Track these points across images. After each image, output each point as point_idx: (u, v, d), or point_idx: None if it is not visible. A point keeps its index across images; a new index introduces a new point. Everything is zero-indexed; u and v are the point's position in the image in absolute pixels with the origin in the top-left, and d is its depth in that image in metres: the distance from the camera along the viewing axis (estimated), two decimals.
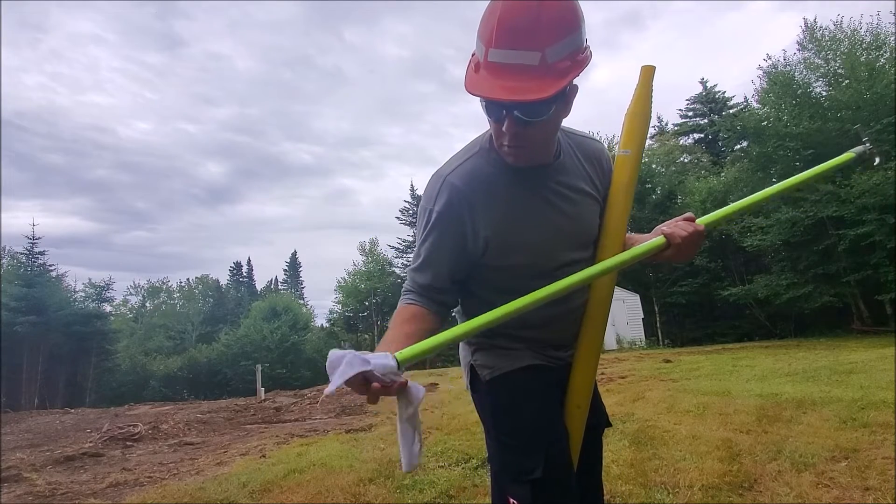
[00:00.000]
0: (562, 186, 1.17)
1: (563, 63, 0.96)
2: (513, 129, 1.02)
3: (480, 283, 1.23)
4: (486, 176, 1.12)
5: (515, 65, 0.95)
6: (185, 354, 34.52)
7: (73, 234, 70.31)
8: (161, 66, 79.46)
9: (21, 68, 69.49)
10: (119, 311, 43.08)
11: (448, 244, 1.14)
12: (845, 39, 16.61)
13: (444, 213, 1.12)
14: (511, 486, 1.15)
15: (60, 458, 5.49)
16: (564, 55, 0.96)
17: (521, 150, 1.07)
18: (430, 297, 1.17)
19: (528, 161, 1.11)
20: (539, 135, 1.05)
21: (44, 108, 68.88)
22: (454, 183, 1.12)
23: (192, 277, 56.33)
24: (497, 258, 1.16)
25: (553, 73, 0.95)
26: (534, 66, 0.94)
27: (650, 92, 1.22)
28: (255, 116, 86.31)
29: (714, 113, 29.04)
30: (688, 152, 29.28)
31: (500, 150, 1.10)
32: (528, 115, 1.00)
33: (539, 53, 0.94)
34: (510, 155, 1.08)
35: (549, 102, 0.99)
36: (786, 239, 17.05)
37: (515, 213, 1.13)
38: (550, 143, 1.13)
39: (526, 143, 1.05)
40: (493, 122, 1.06)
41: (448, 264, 1.16)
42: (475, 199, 1.11)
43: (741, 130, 19.34)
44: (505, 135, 1.04)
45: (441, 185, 1.13)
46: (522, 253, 1.16)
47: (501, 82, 0.95)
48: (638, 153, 1.23)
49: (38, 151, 66.45)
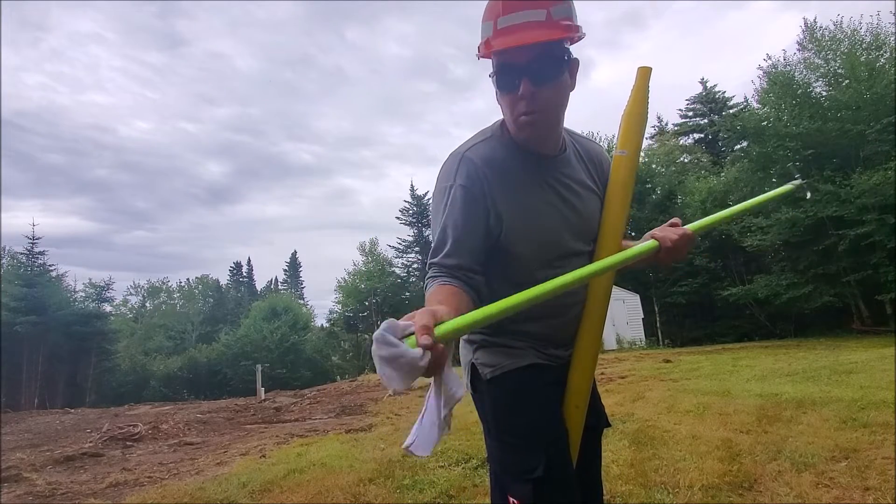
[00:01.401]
0: (567, 178, 1.22)
1: (568, 21, 1.06)
2: (529, 91, 1.06)
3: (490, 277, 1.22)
4: (499, 157, 1.15)
5: (524, 22, 1.04)
6: (185, 354, 34.49)
7: (74, 234, 70.40)
8: (162, 66, 79.53)
9: (21, 67, 69.54)
10: (119, 311, 43.14)
11: (474, 219, 1.12)
12: (845, 39, 16.61)
13: (467, 187, 1.12)
14: (512, 485, 1.15)
15: (60, 458, 5.49)
16: (566, 16, 1.06)
17: (536, 117, 1.10)
18: (463, 280, 1.09)
19: (542, 133, 1.14)
20: (552, 100, 1.10)
21: (44, 108, 68.98)
22: (472, 158, 1.14)
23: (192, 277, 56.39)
24: (508, 240, 1.16)
25: (559, 26, 1.05)
26: (541, 21, 1.04)
27: (647, 93, 1.24)
28: (255, 116, 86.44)
29: (714, 113, 29.03)
30: (688, 152, 29.27)
31: (516, 121, 1.12)
32: (543, 75, 1.06)
33: (545, 10, 1.04)
34: (527, 125, 1.11)
35: (561, 60, 1.07)
36: (786, 239, 17.05)
37: (526, 195, 1.16)
38: (559, 117, 1.16)
39: (541, 108, 1.09)
40: (508, 93, 1.10)
41: (477, 240, 1.12)
42: (492, 176, 1.13)
43: (741, 130, 19.33)
44: (521, 101, 1.08)
45: (459, 161, 1.14)
46: (531, 237, 1.17)
47: (513, 37, 1.04)
48: (635, 153, 1.25)
49: (38, 151, 66.56)
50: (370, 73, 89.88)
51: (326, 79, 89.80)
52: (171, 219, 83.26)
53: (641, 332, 21.00)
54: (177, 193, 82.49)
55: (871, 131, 14.63)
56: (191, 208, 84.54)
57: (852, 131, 15.11)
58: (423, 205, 37.72)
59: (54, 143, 68.93)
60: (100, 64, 75.83)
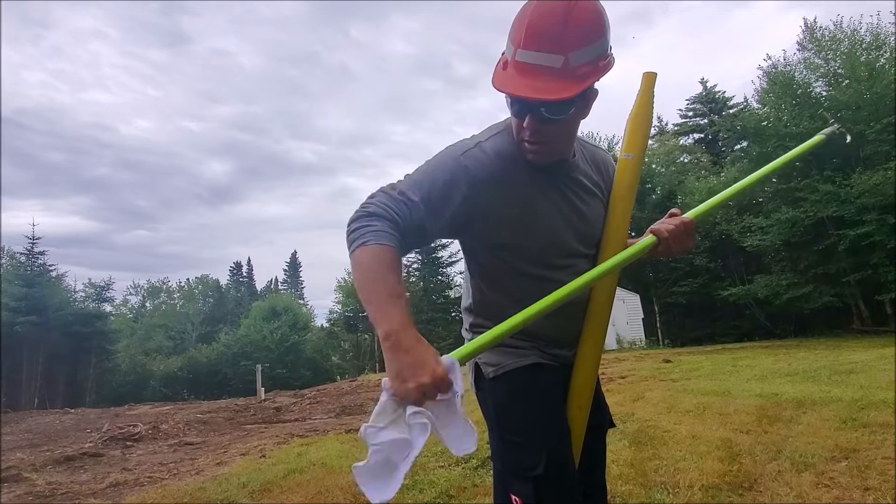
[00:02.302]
0: (575, 183, 1.23)
1: (585, 68, 1.02)
2: (533, 127, 1.07)
3: (493, 275, 1.24)
4: (510, 153, 1.15)
5: (540, 66, 1.01)
6: (185, 354, 34.49)
7: (74, 233, 70.41)
8: (164, 63, 79.60)
9: (22, 65, 69.51)
10: (119, 311, 43.13)
11: (448, 197, 1.08)
12: (845, 39, 16.61)
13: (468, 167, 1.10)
14: (514, 482, 1.16)
15: (60, 458, 5.49)
16: (587, 61, 1.02)
17: (539, 147, 1.11)
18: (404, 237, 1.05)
19: (545, 159, 1.15)
20: (557, 134, 1.11)
21: (45, 106, 68.98)
22: (487, 149, 1.13)
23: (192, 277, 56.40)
24: (512, 242, 1.18)
25: (574, 76, 1.02)
26: (557, 69, 1.01)
27: (651, 98, 1.26)
28: (259, 114, 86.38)
29: (714, 113, 29.00)
30: (688, 152, 29.23)
31: (519, 144, 1.14)
32: (549, 114, 1.05)
33: (563, 57, 1.00)
34: (529, 152, 1.13)
35: (569, 104, 1.05)
36: (786, 239, 17.04)
37: (534, 193, 1.17)
38: (569, 143, 1.19)
39: (544, 141, 1.10)
40: (515, 118, 1.11)
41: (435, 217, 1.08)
42: (496, 172, 1.12)
43: (741, 130, 19.33)
44: (525, 130, 1.09)
45: (477, 147, 1.13)
46: (537, 235, 1.18)
47: (526, 81, 1.02)
48: (640, 157, 1.26)
49: (38, 150, 66.59)
50: (375, 71, 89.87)
51: (331, 76, 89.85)
52: (173, 218, 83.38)
53: (641, 332, 21.01)
54: (178, 192, 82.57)
55: (871, 131, 14.62)
56: (192, 208, 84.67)
57: (852, 131, 15.11)
58: None
59: (55, 142, 69.14)
60: (101, 61, 76.06)
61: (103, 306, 32.40)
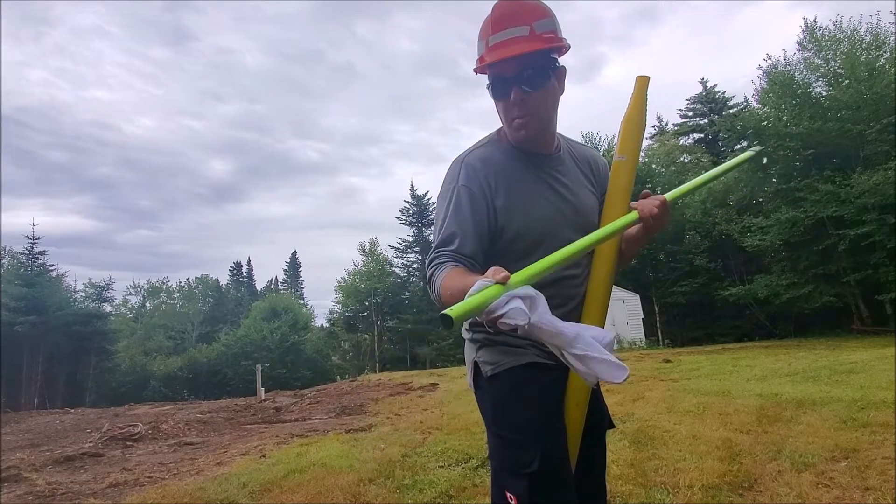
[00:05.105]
0: (561, 175, 1.32)
1: (549, 34, 1.19)
2: (519, 98, 1.18)
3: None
4: (497, 159, 1.27)
5: (510, 39, 1.17)
6: (185, 354, 34.51)
7: (75, 232, 69.98)
8: (167, 61, 78.93)
9: (23, 63, 68.90)
10: (119, 311, 43.03)
11: (477, 215, 1.20)
12: (845, 39, 16.61)
13: (468, 186, 1.22)
14: (509, 480, 1.17)
15: (60, 458, 5.49)
16: (549, 29, 1.19)
17: (527, 119, 1.22)
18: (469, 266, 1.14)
19: (535, 133, 1.25)
20: (542, 104, 1.22)
21: (46, 104, 68.56)
22: (472, 162, 1.26)
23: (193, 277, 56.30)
24: (507, 229, 1.22)
25: (541, 39, 1.17)
26: (525, 36, 1.17)
27: (644, 101, 1.31)
28: (262, 113, 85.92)
29: (714, 113, 29.01)
30: (688, 152, 29.24)
31: (510, 125, 1.24)
32: (530, 83, 1.18)
33: (528, 27, 1.17)
34: (521, 127, 1.23)
35: (545, 72, 1.19)
36: (786, 239, 17.05)
37: (524, 190, 1.25)
38: (552, 119, 1.28)
39: (531, 111, 1.21)
40: (502, 100, 1.22)
41: (481, 233, 1.19)
42: (489, 174, 1.24)
43: (741, 130, 19.36)
44: (513, 107, 1.20)
45: (461, 166, 1.26)
46: (532, 229, 1.23)
47: (501, 52, 1.17)
48: (634, 159, 1.30)
49: (39, 148, 66.19)
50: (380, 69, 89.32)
51: (336, 75, 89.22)
52: (174, 217, 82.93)
53: (641, 332, 20.99)
54: (180, 192, 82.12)
55: (871, 131, 14.63)
56: (194, 207, 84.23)
57: (852, 131, 15.10)
58: (424, 205, 37.67)
59: (56, 140, 68.59)
60: (103, 59, 75.39)
61: (103, 306, 32.50)
